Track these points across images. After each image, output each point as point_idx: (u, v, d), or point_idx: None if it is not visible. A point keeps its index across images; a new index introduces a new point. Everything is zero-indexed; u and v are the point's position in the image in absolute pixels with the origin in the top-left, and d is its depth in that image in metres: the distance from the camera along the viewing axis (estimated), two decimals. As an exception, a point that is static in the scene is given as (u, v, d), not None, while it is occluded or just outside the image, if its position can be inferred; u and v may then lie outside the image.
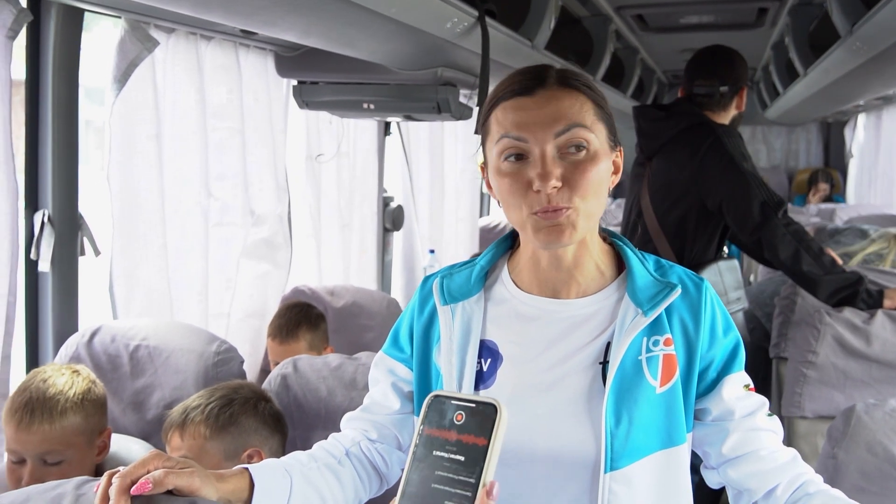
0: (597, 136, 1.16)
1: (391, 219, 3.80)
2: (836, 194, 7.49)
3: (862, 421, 1.73)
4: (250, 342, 2.84)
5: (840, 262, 2.59)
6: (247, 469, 1.13)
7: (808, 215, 5.14)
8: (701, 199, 2.58)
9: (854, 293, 2.41)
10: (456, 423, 0.88)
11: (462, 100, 2.70)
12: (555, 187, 1.12)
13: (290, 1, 1.61)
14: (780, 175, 8.11)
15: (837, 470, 1.72)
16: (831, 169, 7.84)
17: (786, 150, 8.35)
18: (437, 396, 0.91)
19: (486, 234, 5.01)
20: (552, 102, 1.15)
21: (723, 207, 2.54)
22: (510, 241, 1.32)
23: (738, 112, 2.73)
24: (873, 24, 2.34)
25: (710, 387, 1.22)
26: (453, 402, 0.89)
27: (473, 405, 0.88)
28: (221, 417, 1.64)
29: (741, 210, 2.48)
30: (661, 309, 1.19)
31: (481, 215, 5.19)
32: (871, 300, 2.42)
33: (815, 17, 3.32)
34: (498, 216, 5.39)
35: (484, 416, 0.87)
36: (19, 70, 2.05)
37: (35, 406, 1.69)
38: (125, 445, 1.93)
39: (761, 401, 1.24)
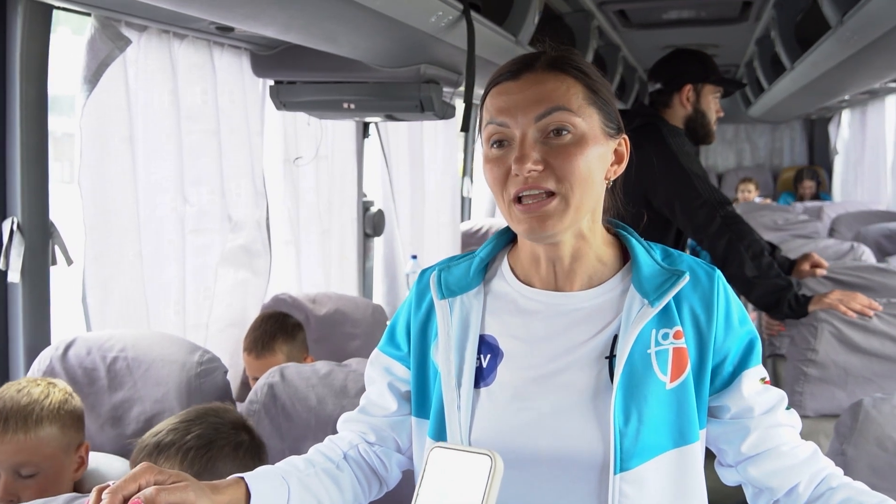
0: (584, 121, 1.13)
1: (372, 224, 3.71)
2: (823, 192, 7.52)
3: (870, 416, 1.73)
4: (230, 353, 2.74)
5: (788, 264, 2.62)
6: (242, 478, 1.10)
7: (795, 213, 5.14)
8: (647, 198, 2.53)
9: (779, 300, 2.37)
10: (453, 474, 0.93)
11: (445, 98, 2.63)
12: (532, 170, 1.09)
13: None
14: (764, 174, 8.13)
15: (847, 466, 1.70)
16: (816, 167, 7.86)
17: (770, 149, 8.38)
18: (436, 448, 0.95)
19: (467, 238, 4.96)
20: (536, 86, 1.13)
21: (666, 206, 2.51)
22: (511, 233, 1.27)
23: (690, 111, 2.63)
24: (865, 13, 2.32)
25: (727, 382, 1.18)
26: (452, 452, 0.95)
27: (470, 456, 0.93)
28: (196, 464, 1.47)
29: (683, 208, 2.46)
30: (668, 298, 1.14)
31: (463, 220, 5.14)
32: (797, 306, 2.36)
33: (801, 10, 3.30)
34: (480, 221, 5.35)
35: (480, 468, 0.92)
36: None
37: (9, 415, 1.64)
38: (106, 462, 1.86)
39: (780, 395, 1.21)
